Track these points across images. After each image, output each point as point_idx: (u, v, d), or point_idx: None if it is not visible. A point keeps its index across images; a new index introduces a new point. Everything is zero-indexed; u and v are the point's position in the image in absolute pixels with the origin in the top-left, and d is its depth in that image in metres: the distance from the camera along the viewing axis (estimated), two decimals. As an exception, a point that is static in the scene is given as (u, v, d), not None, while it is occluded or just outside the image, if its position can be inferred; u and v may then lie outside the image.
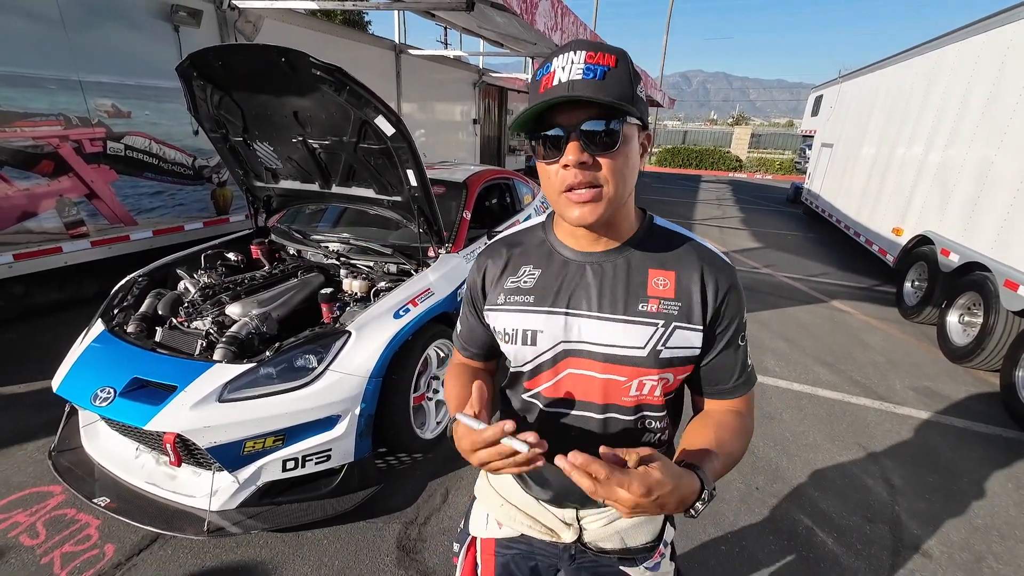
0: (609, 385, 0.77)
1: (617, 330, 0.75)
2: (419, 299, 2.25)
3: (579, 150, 0.66)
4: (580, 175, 0.67)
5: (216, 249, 2.88)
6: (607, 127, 0.66)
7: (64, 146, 3.53)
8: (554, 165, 0.69)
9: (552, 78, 0.66)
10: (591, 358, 0.76)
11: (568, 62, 0.65)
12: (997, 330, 3.37)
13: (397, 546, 1.87)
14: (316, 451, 1.85)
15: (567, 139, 0.66)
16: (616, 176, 0.68)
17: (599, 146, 0.66)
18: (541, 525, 0.88)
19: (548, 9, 3.61)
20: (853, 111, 7.78)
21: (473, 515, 0.98)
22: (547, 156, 0.69)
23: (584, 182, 0.67)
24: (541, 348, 0.78)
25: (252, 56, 2.10)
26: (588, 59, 0.65)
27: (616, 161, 0.68)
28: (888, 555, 1.97)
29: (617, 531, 0.86)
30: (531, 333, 0.79)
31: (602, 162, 0.67)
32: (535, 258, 0.83)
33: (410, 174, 2.27)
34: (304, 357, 1.90)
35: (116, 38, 3.75)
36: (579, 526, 0.87)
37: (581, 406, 0.79)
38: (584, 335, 0.76)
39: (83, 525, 1.89)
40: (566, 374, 0.79)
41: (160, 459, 1.92)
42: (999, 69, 3.97)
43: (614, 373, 0.76)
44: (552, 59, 0.67)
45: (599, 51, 0.65)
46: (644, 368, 0.75)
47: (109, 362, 1.93)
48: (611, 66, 0.65)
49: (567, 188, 0.68)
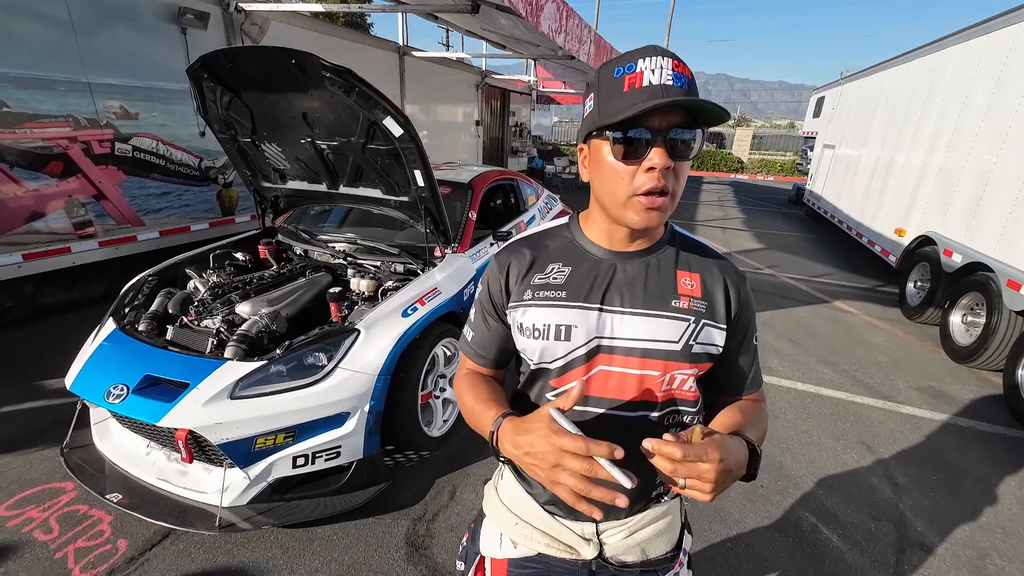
0: (643, 381, 0.78)
1: (652, 325, 0.77)
2: (426, 298, 2.27)
3: (666, 155, 0.67)
4: (661, 179, 0.68)
5: (224, 249, 2.91)
6: (692, 134, 0.68)
7: (73, 147, 3.57)
8: (632, 166, 0.69)
9: (640, 79, 0.66)
10: (625, 354, 0.77)
11: (657, 66, 0.66)
12: (1000, 330, 3.38)
13: (406, 542, 1.89)
14: (326, 448, 1.87)
15: (652, 143, 0.67)
16: (681, 183, 0.72)
17: (681, 153, 0.69)
18: (559, 543, 0.85)
19: (553, 11, 3.64)
20: (855, 112, 7.79)
21: (484, 534, 0.94)
22: (627, 156, 0.69)
23: (660, 186, 0.69)
24: (575, 343, 0.78)
25: (262, 58, 2.13)
26: (675, 67, 0.67)
27: (686, 169, 0.71)
28: (893, 552, 1.98)
29: (638, 543, 0.85)
30: (565, 328, 0.78)
31: (679, 168, 0.70)
32: (564, 257, 0.83)
33: (417, 174, 2.29)
34: (314, 355, 1.92)
35: (124, 40, 3.79)
36: (599, 541, 0.85)
37: (613, 404, 0.79)
38: (618, 331, 0.77)
39: (96, 520, 1.92)
40: (597, 371, 0.78)
41: (171, 456, 1.94)
42: (1001, 70, 3.99)
43: (648, 368, 0.77)
44: (635, 60, 0.67)
45: (680, 61, 0.68)
46: (677, 362, 0.77)
47: (121, 360, 1.96)
48: (690, 77, 0.68)
49: (644, 192, 0.69)
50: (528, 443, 0.65)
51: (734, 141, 21.10)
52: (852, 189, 7.13)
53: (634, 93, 0.66)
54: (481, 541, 0.94)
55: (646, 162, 0.67)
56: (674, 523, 0.88)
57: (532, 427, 0.66)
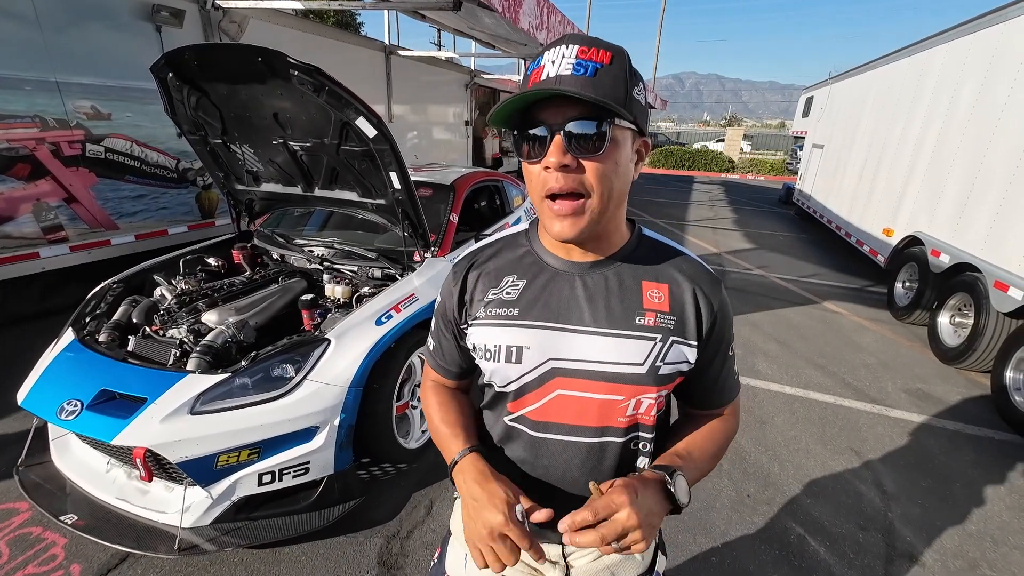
0: (605, 406, 0.71)
1: (614, 346, 0.70)
2: (402, 305, 2.19)
3: (562, 151, 0.61)
4: (562, 179, 0.62)
5: (196, 254, 2.81)
6: (595, 128, 0.61)
7: (41, 149, 3.44)
8: (536, 166, 0.64)
9: (541, 72, 0.61)
10: (585, 377, 0.71)
11: (559, 56, 0.61)
12: (988, 331, 3.36)
13: (378, 562, 1.81)
14: (294, 464, 1.78)
15: (551, 138, 0.61)
16: (602, 183, 0.63)
17: (584, 148, 0.61)
18: (524, 564, 0.82)
19: (533, 7, 3.57)
20: (843, 112, 7.81)
21: (450, 552, 0.90)
22: (530, 156, 0.64)
23: (566, 187, 0.62)
24: (527, 366, 0.72)
25: (229, 56, 2.04)
26: (580, 54, 0.60)
27: (602, 166, 0.62)
28: (881, 564, 1.94)
29: (607, 566, 0.80)
30: (515, 349, 0.72)
31: (587, 166, 0.62)
32: (519, 268, 0.76)
33: (393, 176, 2.21)
34: (281, 366, 1.84)
35: (95, 38, 3.66)
36: (565, 564, 0.81)
37: (572, 430, 0.73)
38: (576, 352, 0.71)
39: (49, 544, 1.82)
40: (555, 395, 0.72)
41: (132, 473, 1.85)
42: (987, 70, 3.98)
43: (611, 392, 0.71)
44: (544, 52, 0.62)
45: (593, 46, 0.60)
46: (643, 386, 0.71)
47: (77, 373, 1.86)
48: (605, 63, 0.60)
49: (548, 194, 0.63)
50: (481, 502, 0.66)
51: (725, 141, 21.18)
52: (841, 189, 7.14)
53: (533, 88, 0.61)
54: (447, 559, 0.90)
55: (544, 160, 0.62)
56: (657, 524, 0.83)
57: (492, 491, 0.66)
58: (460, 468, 0.73)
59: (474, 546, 0.66)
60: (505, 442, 0.79)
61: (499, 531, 0.63)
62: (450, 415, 0.82)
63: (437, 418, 0.83)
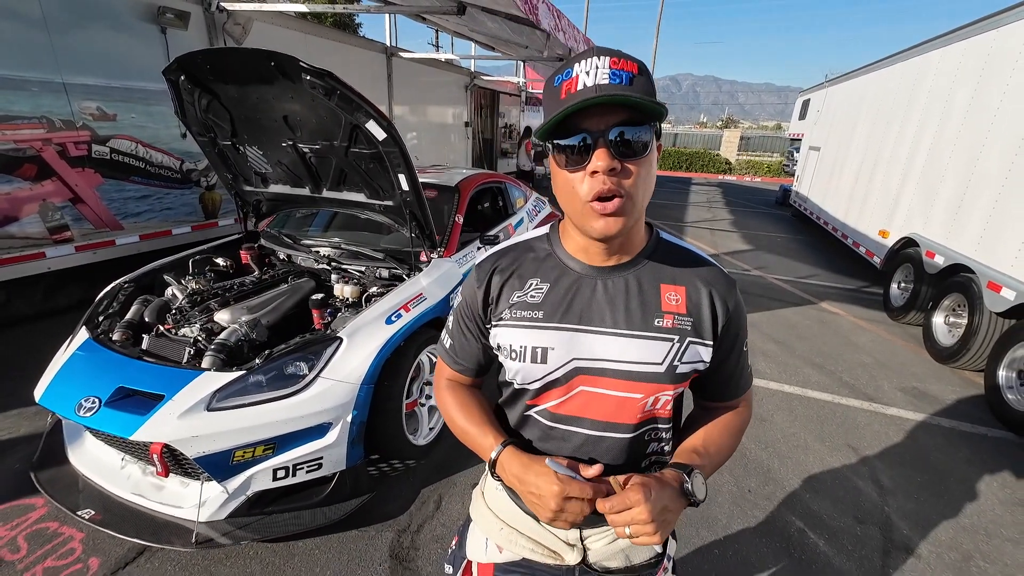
0: (624, 403, 0.75)
1: (634, 346, 0.73)
2: (411, 304, 2.23)
3: (609, 156, 0.63)
4: (609, 182, 0.64)
5: (204, 254, 2.84)
6: (639, 133, 0.64)
7: (47, 149, 3.47)
8: (578, 173, 0.66)
9: (575, 83, 0.64)
10: (607, 375, 0.74)
11: (592, 67, 0.63)
12: (981, 331, 3.43)
13: (390, 555, 1.85)
14: (307, 459, 1.82)
15: (595, 145, 0.64)
16: (641, 185, 0.67)
17: (628, 152, 0.64)
18: (544, 548, 0.85)
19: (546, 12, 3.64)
20: (840, 115, 7.89)
21: (470, 538, 0.94)
22: (571, 164, 0.66)
23: (613, 190, 0.65)
24: (552, 366, 0.76)
25: (241, 60, 2.08)
26: (612, 64, 0.63)
27: (643, 169, 0.66)
28: (879, 556, 1.99)
29: (622, 549, 0.84)
30: (541, 350, 0.75)
31: (630, 169, 0.65)
32: (542, 271, 0.79)
33: (402, 178, 2.25)
34: (295, 364, 1.88)
35: (101, 40, 3.69)
36: (583, 546, 0.84)
37: (591, 424, 0.77)
38: (599, 352, 0.74)
39: (66, 538, 1.85)
40: (578, 391, 0.76)
41: (147, 469, 1.88)
42: (980, 75, 4.06)
43: (631, 391, 0.74)
44: (573, 65, 0.65)
45: (622, 58, 0.64)
46: (662, 384, 0.74)
47: (94, 371, 1.89)
48: (635, 73, 0.64)
49: (595, 197, 0.65)
50: (535, 486, 0.71)
51: (722, 142, 21.30)
52: (837, 191, 7.22)
53: (568, 98, 0.64)
54: (468, 545, 0.94)
55: (589, 166, 0.64)
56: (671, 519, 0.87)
57: (539, 471, 0.71)
58: (501, 463, 0.77)
59: (555, 519, 0.70)
60: (520, 428, 0.84)
61: (563, 496, 0.68)
62: (473, 415, 0.85)
63: (461, 419, 0.85)
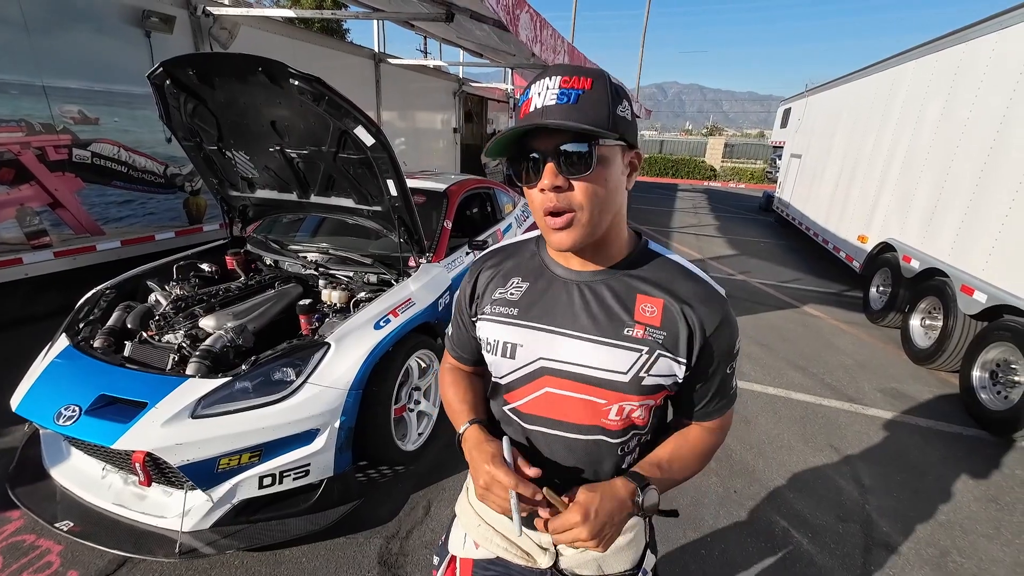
0: (589, 407, 0.76)
1: (599, 352, 0.74)
2: (400, 309, 2.23)
3: (553, 174, 0.66)
4: (556, 199, 0.67)
5: (189, 260, 2.80)
6: (581, 150, 0.66)
7: (25, 153, 3.39)
8: (534, 189, 0.70)
9: (530, 104, 0.68)
10: (569, 378, 0.76)
11: (544, 88, 0.67)
12: (955, 333, 3.54)
13: (379, 561, 1.84)
14: (294, 467, 1.81)
15: (543, 163, 0.67)
16: (591, 200, 0.68)
17: (573, 169, 0.67)
18: (517, 548, 0.87)
19: (528, 22, 3.68)
20: (820, 123, 8.11)
21: (453, 533, 0.97)
22: (528, 180, 0.70)
23: (559, 206, 0.68)
24: (519, 363, 0.79)
25: (228, 65, 2.07)
26: (563, 84, 0.66)
27: (592, 184, 0.68)
28: (860, 553, 2.04)
29: (594, 558, 0.84)
30: (511, 346, 0.79)
31: (576, 185, 0.67)
32: (525, 271, 0.83)
33: (390, 184, 2.26)
34: (282, 370, 1.87)
35: (83, 43, 3.64)
36: (555, 551, 0.85)
37: (561, 425, 0.79)
38: (564, 355, 0.76)
39: (44, 551, 1.80)
40: (544, 392, 0.78)
41: (128, 479, 1.84)
42: (950, 87, 4.22)
43: (594, 395, 0.75)
44: (531, 85, 0.69)
45: (575, 75, 0.66)
46: (625, 394, 0.74)
47: (74, 379, 1.86)
48: (586, 89, 0.66)
49: (546, 212, 0.69)
50: (475, 460, 0.77)
51: (707, 149, 21.68)
52: (818, 197, 7.40)
53: (524, 119, 0.68)
54: (450, 540, 0.97)
55: (538, 183, 0.69)
56: (636, 541, 0.88)
57: (484, 449, 0.77)
58: (464, 438, 0.82)
59: (483, 496, 0.75)
60: (505, 427, 0.86)
61: (491, 477, 0.72)
62: (460, 392, 0.91)
63: (450, 395, 0.92)
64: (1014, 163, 3.30)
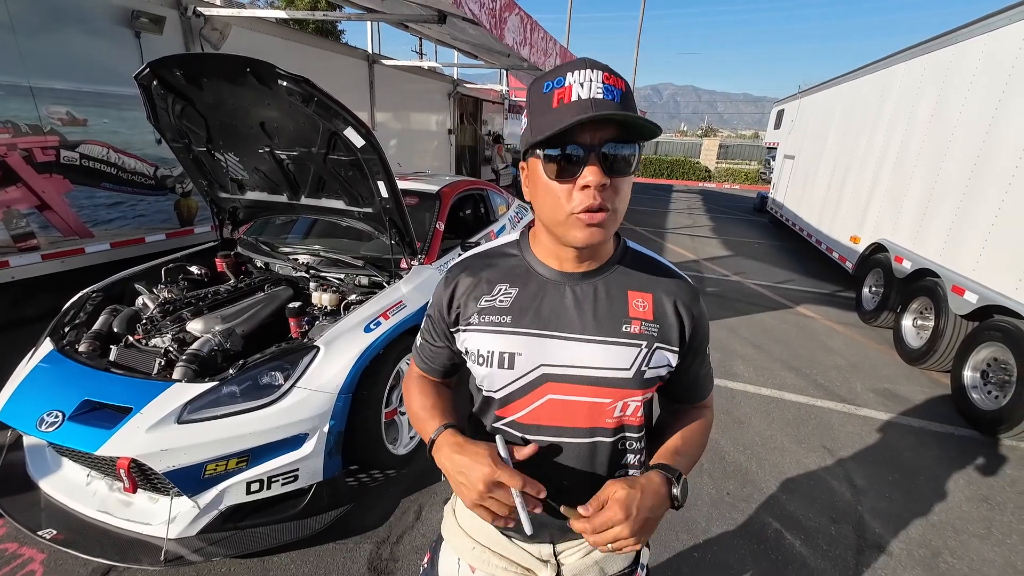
0: (593, 408, 0.76)
1: (603, 352, 0.74)
2: (390, 312, 2.22)
3: (601, 172, 0.63)
4: (599, 196, 0.64)
5: (178, 262, 2.77)
6: (629, 151, 0.65)
7: (12, 155, 3.34)
8: (567, 184, 0.66)
9: (569, 93, 0.63)
10: (575, 382, 0.74)
11: (586, 79, 0.63)
12: (947, 333, 3.56)
13: (368, 567, 1.82)
14: (282, 472, 1.78)
15: (586, 160, 0.64)
16: (624, 200, 0.69)
17: (617, 168, 0.65)
18: (517, 566, 0.84)
19: (517, 24, 3.67)
20: (812, 125, 8.15)
21: (442, 559, 0.93)
22: (561, 175, 0.65)
23: (603, 204, 0.65)
24: (519, 372, 0.76)
25: (216, 66, 2.05)
26: (606, 79, 0.64)
27: (626, 185, 0.68)
28: (852, 554, 2.03)
29: (596, 562, 0.84)
30: (508, 356, 0.75)
31: (616, 184, 0.66)
32: (512, 276, 0.79)
33: (381, 185, 2.24)
34: (270, 374, 1.84)
35: (71, 43, 3.59)
36: (556, 562, 0.84)
37: (563, 432, 0.77)
38: (566, 359, 0.74)
39: (26, 560, 1.77)
40: (546, 400, 0.76)
41: (113, 485, 1.81)
42: (940, 89, 4.25)
43: (599, 396, 0.75)
44: (565, 74, 0.64)
45: (612, 74, 0.65)
46: (629, 389, 0.75)
47: (58, 384, 1.83)
48: (623, 90, 0.65)
49: (584, 210, 0.65)
50: (465, 465, 0.70)
51: (702, 151, 21.77)
52: (811, 198, 7.44)
53: (563, 109, 0.63)
54: (440, 565, 0.93)
55: (580, 180, 0.64)
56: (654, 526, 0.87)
57: (474, 451, 0.71)
58: (437, 446, 0.76)
59: (476, 507, 0.70)
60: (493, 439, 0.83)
61: (492, 480, 0.67)
62: (427, 399, 0.87)
63: (416, 404, 0.87)
64: (1003, 164, 3.32)
